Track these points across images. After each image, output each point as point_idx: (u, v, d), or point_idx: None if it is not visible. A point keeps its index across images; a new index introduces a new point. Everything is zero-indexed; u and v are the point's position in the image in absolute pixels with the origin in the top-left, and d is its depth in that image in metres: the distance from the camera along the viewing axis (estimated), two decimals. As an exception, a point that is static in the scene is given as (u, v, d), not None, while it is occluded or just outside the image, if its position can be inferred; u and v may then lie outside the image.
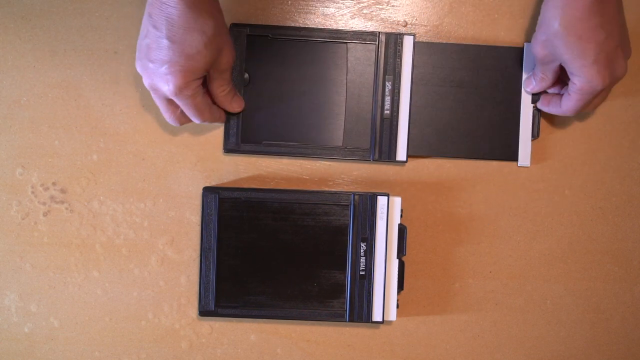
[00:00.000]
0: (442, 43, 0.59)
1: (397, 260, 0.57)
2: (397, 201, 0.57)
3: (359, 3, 0.60)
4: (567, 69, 0.52)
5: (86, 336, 0.58)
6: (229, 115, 0.57)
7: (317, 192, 0.57)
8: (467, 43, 0.59)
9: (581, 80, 0.51)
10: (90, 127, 0.59)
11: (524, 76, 0.58)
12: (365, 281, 0.57)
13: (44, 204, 0.58)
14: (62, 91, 0.58)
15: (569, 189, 0.60)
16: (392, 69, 0.57)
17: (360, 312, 0.57)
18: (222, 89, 0.53)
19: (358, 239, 0.57)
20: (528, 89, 0.57)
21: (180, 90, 0.49)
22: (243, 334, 0.58)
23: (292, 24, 0.59)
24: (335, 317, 0.57)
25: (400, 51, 0.58)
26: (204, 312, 0.57)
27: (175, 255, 0.59)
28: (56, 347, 0.58)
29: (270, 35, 0.58)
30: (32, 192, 0.58)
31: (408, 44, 0.58)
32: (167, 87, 0.49)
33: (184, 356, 0.58)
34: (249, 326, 0.59)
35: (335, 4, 0.59)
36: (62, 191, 0.58)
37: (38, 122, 0.58)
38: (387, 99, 0.58)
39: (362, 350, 0.59)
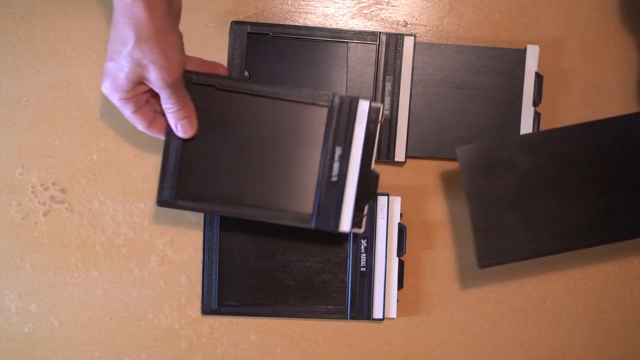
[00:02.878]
0: (443, 44, 0.59)
1: (397, 259, 0.57)
2: (397, 200, 0.57)
3: (359, 3, 0.60)
4: None
5: (86, 336, 0.58)
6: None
7: None
8: (468, 44, 0.59)
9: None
10: (90, 127, 0.58)
11: (526, 85, 0.57)
12: (365, 279, 0.57)
13: (44, 204, 0.58)
14: (62, 91, 0.58)
15: (569, 189, 0.60)
16: (393, 70, 0.57)
17: (361, 309, 0.57)
18: (165, 107, 0.50)
19: (359, 236, 0.57)
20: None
21: (108, 95, 0.49)
22: (243, 334, 0.59)
23: (293, 24, 0.59)
24: (337, 314, 0.57)
25: (401, 52, 0.58)
26: (207, 311, 0.57)
27: (175, 255, 0.59)
28: (56, 347, 0.58)
29: (270, 34, 0.58)
30: (32, 192, 0.58)
31: (409, 45, 0.58)
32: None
33: (184, 356, 0.58)
34: (249, 326, 0.59)
35: (335, 4, 0.59)
36: (62, 191, 0.58)
37: (38, 122, 0.58)
38: (387, 100, 0.58)
39: (362, 350, 0.59)
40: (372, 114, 0.52)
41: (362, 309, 0.57)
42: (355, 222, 0.52)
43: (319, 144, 0.52)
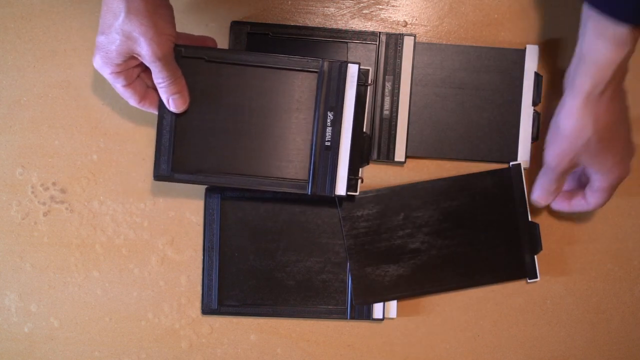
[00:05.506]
0: (443, 44, 0.59)
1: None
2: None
3: (359, 3, 0.60)
4: (592, 171, 0.52)
5: (86, 336, 0.58)
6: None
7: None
8: (468, 44, 0.59)
9: (612, 178, 0.52)
10: (90, 127, 0.59)
11: (525, 84, 0.58)
12: None
13: (44, 204, 0.58)
14: (62, 91, 0.58)
15: (569, 189, 0.60)
16: (392, 70, 0.57)
17: (361, 309, 0.57)
18: (156, 82, 0.51)
19: None
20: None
21: (100, 69, 0.49)
22: (243, 334, 0.59)
23: (293, 24, 0.59)
24: (337, 314, 0.57)
25: (401, 52, 0.58)
26: (207, 311, 0.57)
27: (175, 255, 0.59)
28: (56, 347, 0.58)
29: (270, 34, 0.58)
30: (32, 192, 0.58)
31: (408, 45, 0.58)
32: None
33: (184, 356, 0.58)
34: (249, 326, 0.59)
35: (335, 4, 0.59)
36: (62, 191, 0.58)
37: (38, 122, 0.58)
38: (387, 99, 0.58)
39: (362, 350, 0.59)
40: (362, 77, 0.53)
41: (362, 309, 0.57)
42: (351, 185, 0.53)
43: (311, 110, 0.53)
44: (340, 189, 0.53)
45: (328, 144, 0.53)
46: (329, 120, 0.53)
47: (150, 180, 0.58)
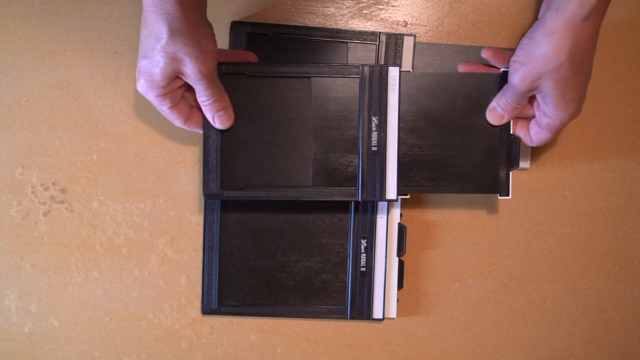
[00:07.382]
0: (443, 44, 0.59)
1: (397, 259, 0.57)
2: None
3: (359, 3, 0.60)
4: (549, 101, 0.50)
5: (86, 336, 0.58)
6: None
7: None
8: (468, 44, 0.59)
9: (564, 115, 0.50)
10: (90, 127, 0.59)
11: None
12: (365, 278, 0.57)
13: (44, 204, 0.58)
14: (62, 91, 0.58)
15: (568, 189, 0.60)
16: (393, 69, 0.57)
17: (361, 309, 0.57)
18: (201, 100, 0.51)
19: (359, 235, 0.57)
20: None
21: (145, 94, 0.49)
22: (243, 334, 0.59)
23: (293, 24, 0.59)
24: (337, 314, 0.57)
25: (401, 52, 0.58)
26: (207, 311, 0.57)
27: (175, 255, 0.59)
28: (56, 347, 0.58)
29: (270, 34, 0.58)
30: (32, 192, 0.58)
31: (408, 45, 0.58)
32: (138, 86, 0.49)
33: (184, 356, 0.58)
34: (249, 326, 0.59)
35: (335, 4, 0.59)
36: (62, 191, 0.58)
37: (38, 122, 0.58)
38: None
39: (362, 350, 0.59)
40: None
41: (362, 309, 0.57)
42: (400, 190, 0.53)
43: (355, 116, 0.53)
44: (391, 193, 0.53)
45: (375, 149, 0.53)
46: (374, 125, 0.52)
47: (150, 180, 0.58)
